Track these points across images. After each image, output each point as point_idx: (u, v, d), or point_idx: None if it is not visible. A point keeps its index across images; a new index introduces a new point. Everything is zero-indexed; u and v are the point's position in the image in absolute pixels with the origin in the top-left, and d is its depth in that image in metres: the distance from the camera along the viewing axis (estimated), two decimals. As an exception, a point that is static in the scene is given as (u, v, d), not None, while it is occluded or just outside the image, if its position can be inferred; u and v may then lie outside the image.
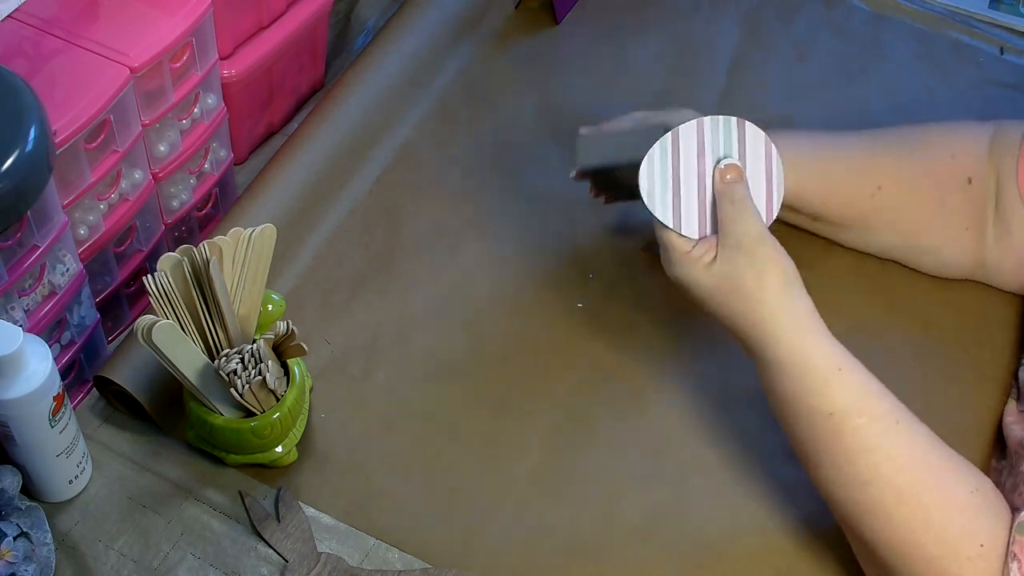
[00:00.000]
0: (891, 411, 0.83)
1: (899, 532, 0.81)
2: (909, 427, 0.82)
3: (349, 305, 1.05)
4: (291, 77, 1.17)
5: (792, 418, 0.85)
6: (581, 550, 0.91)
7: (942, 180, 1.00)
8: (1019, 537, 0.78)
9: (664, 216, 0.88)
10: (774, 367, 0.85)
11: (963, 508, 0.80)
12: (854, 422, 0.82)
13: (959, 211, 1.01)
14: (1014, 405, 0.97)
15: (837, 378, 0.83)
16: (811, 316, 0.85)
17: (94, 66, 0.90)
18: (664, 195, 0.88)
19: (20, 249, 0.86)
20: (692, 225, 0.88)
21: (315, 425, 0.97)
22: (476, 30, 1.28)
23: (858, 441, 0.82)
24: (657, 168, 0.88)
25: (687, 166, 0.88)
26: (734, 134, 0.89)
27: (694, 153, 0.88)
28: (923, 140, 1.02)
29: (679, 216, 0.88)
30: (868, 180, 1.00)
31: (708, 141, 0.88)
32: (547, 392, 1.00)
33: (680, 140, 0.88)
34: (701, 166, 0.88)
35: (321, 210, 1.10)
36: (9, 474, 0.87)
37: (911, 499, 0.80)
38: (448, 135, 1.19)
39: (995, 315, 1.05)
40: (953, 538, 0.79)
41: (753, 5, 1.33)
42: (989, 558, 0.79)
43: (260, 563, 0.89)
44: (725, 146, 0.88)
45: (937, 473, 0.81)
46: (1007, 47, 1.29)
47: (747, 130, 0.89)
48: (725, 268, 0.85)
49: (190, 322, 0.89)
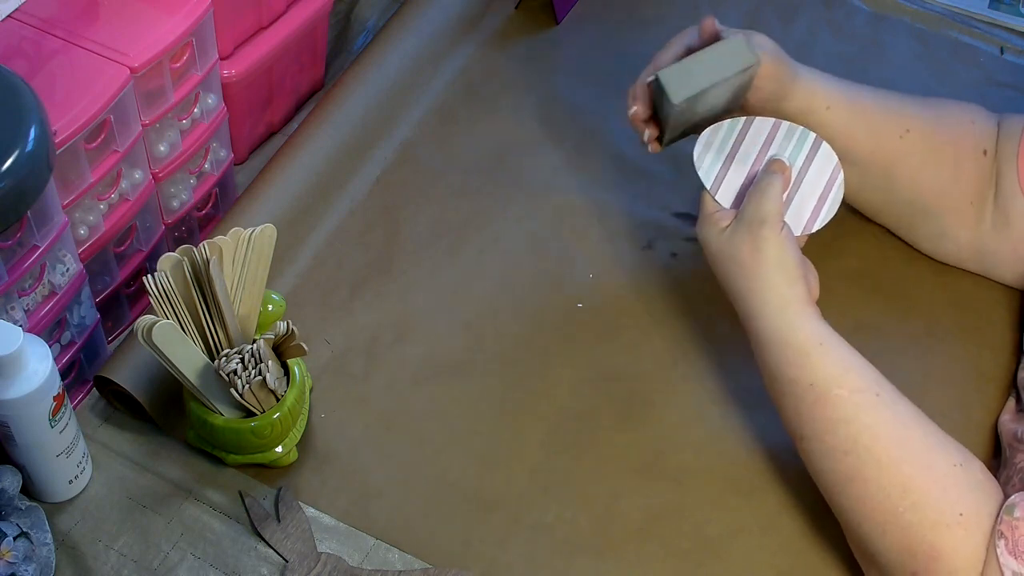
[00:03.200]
0: (872, 384, 0.85)
1: (877, 499, 0.82)
2: (891, 400, 0.85)
3: (349, 305, 1.05)
4: (291, 77, 1.17)
5: (777, 390, 0.89)
6: (581, 550, 0.91)
7: (961, 142, 1.01)
8: (1006, 517, 0.79)
9: (707, 178, 0.94)
10: (760, 339, 0.89)
11: (944, 479, 0.81)
12: (834, 392, 0.85)
13: (969, 179, 1.01)
14: (1012, 405, 0.97)
15: (818, 351, 0.86)
16: (799, 300, 0.88)
17: (94, 66, 0.90)
18: (715, 162, 0.94)
19: (20, 249, 0.86)
20: (728, 196, 0.94)
21: (315, 425, 0.97)
22: (476, 30, 1.28)
23: (838, 411, 0.84)
24: (721, 137, 0.95)
25: (747, 150, 0.95)
26: (807, 146, 0.95)
27: (759, 144, 0.95)
28: (943, 104, 1.04)
29: (719, 183, 0.94)
30: (898, 121, 1.01)
31: (778, 140, 0.95)
32: (547, 392, 1.00)
33: (752, 127, 0.95)
34: (760, 157, 0.94)
35: (321, 210, 1.10)
36: (9, 474, 0.87)
37: (889, 467, 0.82)
38: (448, 135, 1.19)
39: (995, 315, 1.05)
40: (931, 506, 0.80)
41: (753, 5, 1.33)
42: (969, 527, 0.79)
43: (260, 563, 0.89)
44: (792, 152, 0.94)
45: (917, 445, 0.83)
46: (1007, 47, 1.29)
47: (821, 148, 0.95)
48: (732, 237, 0.91)
49: (190, 322, 0.89)
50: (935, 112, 1.03)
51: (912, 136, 1.00)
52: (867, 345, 1.03)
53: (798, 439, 0.88)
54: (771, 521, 0.92)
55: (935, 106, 1.03)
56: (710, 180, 0.94)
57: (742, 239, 0.90)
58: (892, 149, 1.01)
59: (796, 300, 0.88)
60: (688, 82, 0.92)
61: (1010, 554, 0.78)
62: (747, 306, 0.90)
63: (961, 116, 1.03)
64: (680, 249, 1.09)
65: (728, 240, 0.91)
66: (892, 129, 1.01)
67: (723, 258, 0.91)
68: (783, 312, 0.88)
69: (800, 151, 0.95)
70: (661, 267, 1.08)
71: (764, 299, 0.89)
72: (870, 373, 0.86)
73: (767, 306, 0.88)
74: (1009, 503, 0.80)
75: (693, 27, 0.97)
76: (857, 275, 1.07)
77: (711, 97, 0.93)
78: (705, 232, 0.93)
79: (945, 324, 1.04)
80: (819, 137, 0.95)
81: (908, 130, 1.00)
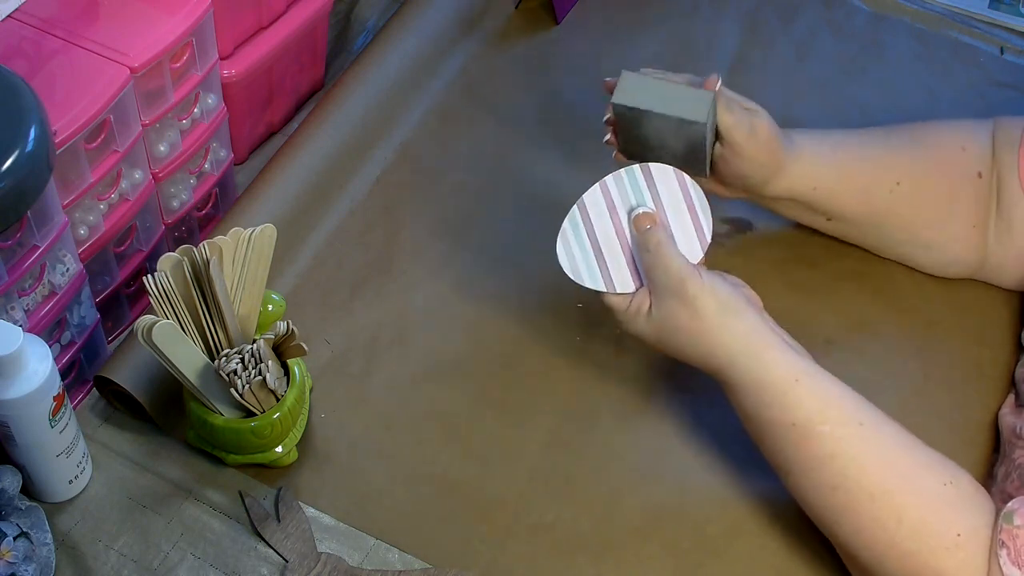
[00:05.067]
0: (854, 414, 0.84)
1: (873, 531, 0.81)
2: (874, 428, 0.84)
3: (349, 305, 1.05)
4: (291, 77, 1.17)
5: (759, 433, 0.87)
6: (581, 550, 0.91)
7: (954, 174, 1.00)
8: (1006, 526, 0.79)
9: (595, 284, 0.90)
10: (734, 389, 0.87)
11: (936, 501, 0.81)
12: (817, 429, 0.83)
13: (968, 207, 1.01)
14: (1012, 399, 0.97)
15: (795, 389, 0.84)
16: (758, 332, 0.86)
17: (94, 66, 0.90)
18: (589, 264, 0.90)
19: (20, 249, 0.86)
20: (627, 281, 0.90)
21: (315, 425, 0.97)
22: (476, 30, 1.28)
23: (823, 447, 0.83)
24: (573, 241, 0.90)
25: (602, 228, 0.90)
26: (641, 180, 0.90)
27: (606, 214, 0.90)
28: (934, 133, 1.02)
29: (610, 278, 0.90)
30: (887, 176, 1.00)
31: (616, 197, 0.90)
32: (547, 392, 1.00)
33: (588, 208, 0.90)
34: (616, 222, 0.90)
35: (321, 210, 1.10)
36: (9, 474, 0.87)
37: (882, 497, 0.81)
38: (448, 135, 1.19)
39: (995, 315, 1.05)
40: (928, 531, 0.80)
41: (753, 5, 1.33)
42: (968, 547, 0.79)
43: (260, 563, 0.89)
44: (635, 195, 0.90)
45: (905, 470, 0.82)
46: (1007, 47, 1.29)
47: (653, 171, 0.90)
48: (661, 313, 0.88)
49: (190, 322, 0.89)
50: (924, 151, 1.01)
51: (903, 187, 1.00)
52: (867, 345, 1.03)
53: (784, 475, 0.87)
54: (771, 521, 0.92)
55: (924, 141, 1.02)
56: (599, 282, 0.90)
57: (674, 309, 0.87)
58: (883, 204, 1.01)
59: (755, 333, 0.86)
60: (635, 94, 0.90)
61: (1013, 564, 0.77)
62: (715, 363, 0.87)
63: (951, 145, 1.01)
64: (680, 249, 1.09)
65: (661, 318, 0.87)
66: (882, 185, 1.00)
67: (667, 336, 0.88)
68: (749, 353, 0.86)
69: (639, 188, 0.90)
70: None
71: (728, 350, 0.86)
72: (850, 401, 0.85)
73: (733, 355, 0.86)
74: (1007, 510, 0.80)
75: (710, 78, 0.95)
76: (857, 275, 1.07)
77: (658, 129, 0.91)
78: (634, 326, 0.90)
79: (945, 323, 1.04)
80: (642, 164, 0.90)
81: (898, 182, 1.00)
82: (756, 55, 1.28)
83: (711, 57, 1.27)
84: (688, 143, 0.92)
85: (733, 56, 1.27)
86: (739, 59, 1.27)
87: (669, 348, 0.89)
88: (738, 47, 1.28)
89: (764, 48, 1.29)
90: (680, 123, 0.90)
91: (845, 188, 1.00)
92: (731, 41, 1.29)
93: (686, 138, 0.92)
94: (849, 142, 1.02)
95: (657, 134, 0.92)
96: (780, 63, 1.27)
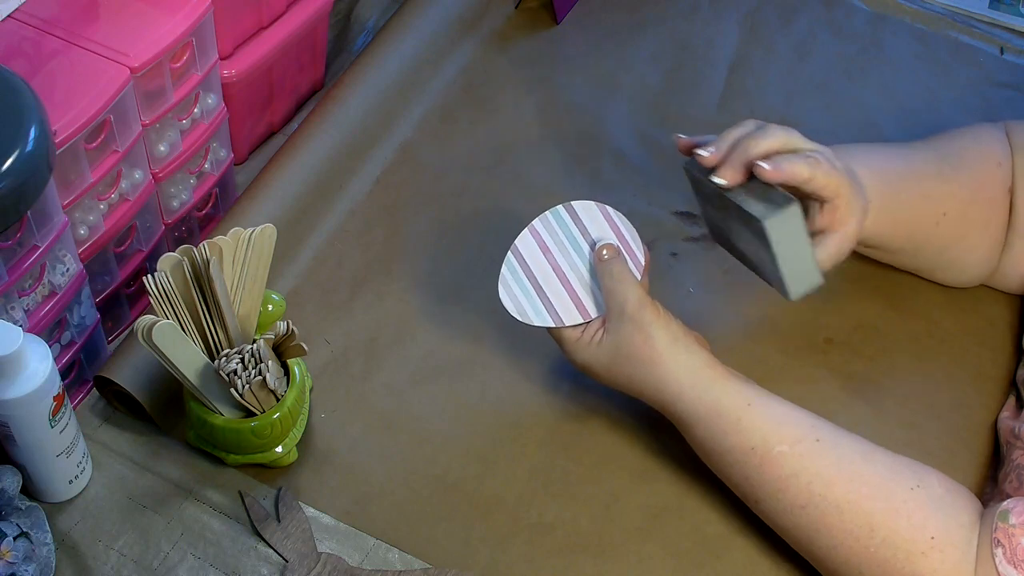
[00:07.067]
0: (809, 431, 0.84)
1: (847, 544, 0.81)
2: (832, 442, 0.84)
3: (349, 305, 1.05)
4: (291, 77, 1.17)
5: (719, 462, 0.87)
6: (581, 550, 0.91)
7: (992, 194, 0.98)
8: (1001, 524, 0.79)
9: (543, 320, 0.91)
10: (687, 419, 0.87)
11: (905, 506, 0.81)
12: (776, 450, 0.84)
13: (998, 225, 0.99)
14: (1012, 402, 0.97)
15: (748, 413, 0.85)
16: (708, 364, 0.87)
17: (94, 66, 0.90)
18: (533, 303, 0.91)
19: (20, 249, 0.86)
20: (572, 313, 0.91)
21: (315, 425, 0.97)
22: (476, 30, 1.28)
23: (785, 467, 0.83)
24: (513, 284, 0.92)
25: (540, 269, 0.92)
26: (567, 218, 0.92)
27: (540, 255, 0.92)
28: (974, 151, 0.99)
29: (556, 313, 0.91)
30: (936, 209, 0.97)
31: (547, 237, 0.92)
32: (547, 391, 1.00)
33: (523, 252, 0.92)
34: (552, 261, 0.92)
35: (321, 210, 1.10)
36: (9, 474, 0.87)
37: (850, 509, 0.81)
38: (448, 135, 1.19)
39: (995, 315, 1.05)
40: (900, 537, 0.80)
41: (753, 5, 1.33)
42: (943, 549, 0.79)
43: (260, 563, 0.89)
44: (564, 233, 0.92)
45: (870, 479, 0.82)
46: (1007, 47, 1.29)
47: (576, 208, 0.92)
48: (615, 338, 0.88)
49: (190, 322, 0.89)
50: (969, 176, 0.97)
51: (948, 217, 0.97)
52: (867, 345, 1.03)
53: (753, 503, 0.87)
54: (771, 521, 0.92)
55: (968, 164, 0.98)
56: (547, 318, 0.91)
57: (629, 334, 0.87)
58: (925, 235, 0.98)
59: (705, 366, 0.87)
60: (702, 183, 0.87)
61: (1009, 563, 0.77)
62: (663, 394, 0.87)
63: (989, 165, 0.98)
64: (680, 249, 1.09)
65: (614, 343, 0.87)
66: (930, 220, 0.97)
67: (618, 362, 0.88)
68: (700, 383, 0.86)
69: (567, 226, 0.91)
70: (661, 266, 1.08)
71: (678, 380, 0.86)
72: (804, 419, 0.85)
73: (683, 385, 0.86)
74: (1002, 509, 0.80)
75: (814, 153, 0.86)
76: (857, 275, 1.07)
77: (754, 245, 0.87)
78: (584, 356, 0.89)
79: (945, 324, 1.04)
80: (564, 204, 0.91)
81: (945, 214, 0.97)
82: (756, 55, 1.28)
83: (711, 57, 1.27)
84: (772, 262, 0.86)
85: (733, 56, 1.27)
86: (739, 59, 1.27)
87: (619, 376, 0.89)
88: (738, 47, 1.28)
89: (764, 48, 1.29)
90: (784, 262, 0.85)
91: (898, 228, 0.97)
92: (731, 41, 1.29)
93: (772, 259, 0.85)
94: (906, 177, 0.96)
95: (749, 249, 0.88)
96: (780, 63, 1.27)
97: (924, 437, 0.96)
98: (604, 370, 0.89)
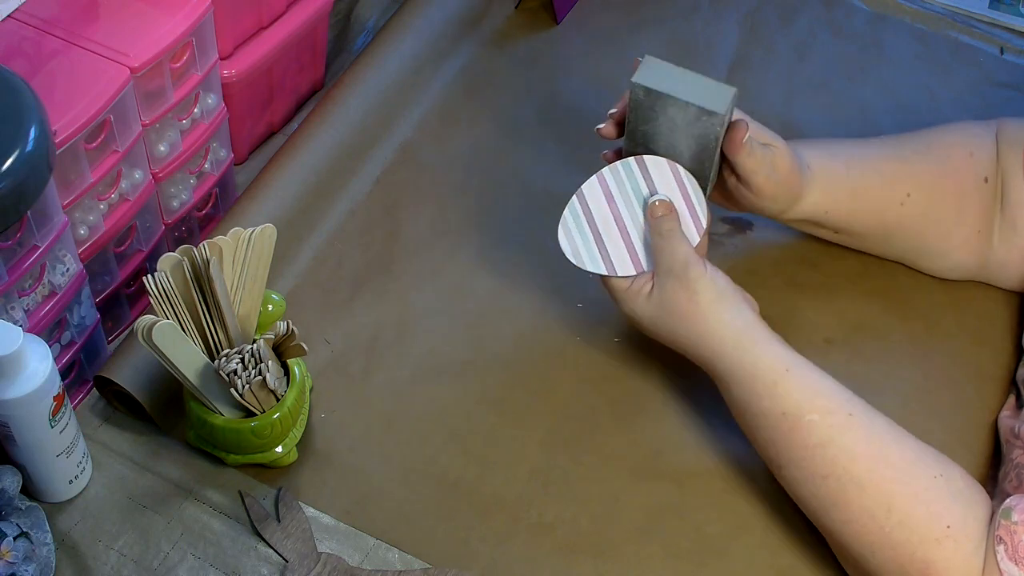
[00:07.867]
0: (843, 405, 0.85)
1: (863, 521, 0.82)
2: (864, 419, 0.85)
3: (349, 305, 1.05)
4: (291, 77, 1.17)
5: (750, 424, 0.88)
6: (581, 550, 0.91)
7: (962, 181, 1.00)
8: (1003, 522, 0.79)
9: (596, 267, 0.93)
10: (725, 378, 0.88)
11: (926, 492, 0.81)
12: (807, 418, 0.84)
13: (974, 213, 1.01)
14: (1012, 402, 0.97)
15: (785, 379, 0.86)
16: (752, 326, 0.88)
17: (94, 66, 0.90)
18: (590, 249, 0.93)
19: (20, 249, 0.86)
20: (626, 264, 0.93)
21: (315, 425, 0.97)
22: (476, 30, 1.28)
23: (813, 436, 0.84)
24: (573, 228, 0.93)
25: (601, 216, 0.93)
26: (636, 172, 0.93)
27: (604, 203, 0.93)
28: (942, 140, 1.02)
29: (610, 262, 0.92)
30: (898, 189, 1.00)
31: (614, 187, 0.93)
32: (547, 391, 1.00)
33: (587, 198, 0.94)
34: (615, 211, 0.93)
35: (321, 210, 1.10)
36: (9, 474, 0.87)
37: (870, 487, 0.82)
38: (448, 135, 1.19)
39: (995, 315, 1.05)
40: (917, 522, 0.80)
41: (753, 5, 1.33)
42: (957, 539, 0.79)
43: (260, 563, 0.89)
44: (631, 185, 0.93)
45: (895, 461, 0.83)
46: (1007, 47, 1.29)
47: (647, 163, 0.93)
48: (662, 295, 0.90)
49: (190, 322, 0.89)
50: (934, 160, 1.01)
51: (913, 198, 1.00)
52: (867, 345, 1.03)
53: (776, 468, 0.88)
54: (771, 521, 0.92)
55: (933, 150, 1.01)
56: (600, 266, 0.92)
57: (674, 291, 0.89)
58: (893, 216, 1.01)
59: (749, 327, 0.88)
60: (658, 78, 0.91)
61: (1010, 559, 0.77)
62: (705, 351, 0.89)
63: (959, 152, 1.01)
64: (680, 249, 1.09)
65: (659, 299, 0.90)
66: (893, 199, 1.00)
67: (663, 317, 0.90)
68: (741, 344, 0.87)
69: (636, 179, 0.93)
70: (661, 267, 1.07)
71: (720, 338, 0.88)
72: (840, 393, 0.86)
73: (724, 344, 0.88)
74: (1005, 506, 0.80)
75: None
76: (857, 275, 1.07)
77: (671, 120, 0.91)
78: (632, 306, 0.92)
79: (945, 324, 1.04)
80: (637, 157, 0.93)
81: (909, 194, 1.00)
82: (756, 55, 1.28)
83: (711, 57, 1.27)
84: (698, 144, 0.92)
85: (733, 56, 1.27)
86: (739, 59, 1.27)
87: (663, 331, 0.91)
88: (738, 47, 1.28)
89: (764, 48, 1.29)
90: (699, 113, 0.90)
91: (858, 207, 1.00)
92: (731, 41, 1.29)
93: (697, 138, 0.92)
94: (861, 157, 1.01)
95: (668, 128, 0.92)
96: (780, 63, 1.27)
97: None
98: (649, 323, 0.91)
